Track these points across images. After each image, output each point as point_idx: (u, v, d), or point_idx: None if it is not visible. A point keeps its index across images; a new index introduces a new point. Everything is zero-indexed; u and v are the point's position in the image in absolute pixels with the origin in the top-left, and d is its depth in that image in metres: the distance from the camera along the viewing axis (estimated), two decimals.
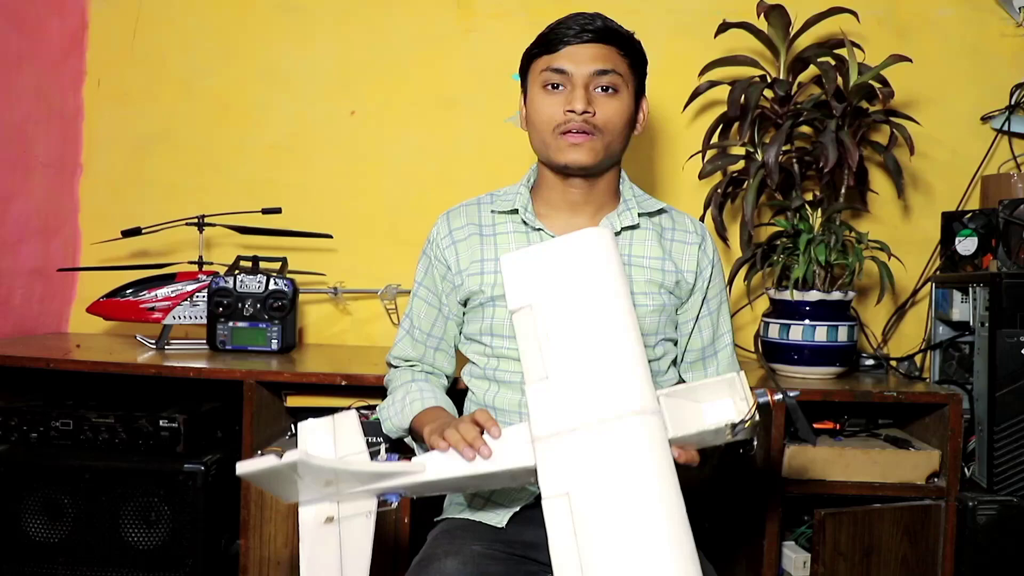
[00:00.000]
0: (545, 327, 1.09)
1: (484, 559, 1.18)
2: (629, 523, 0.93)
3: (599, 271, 1.10)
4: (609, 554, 0.92)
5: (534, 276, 1.13)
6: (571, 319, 1.08)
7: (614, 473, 0.96)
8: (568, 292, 1.10)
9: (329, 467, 1.01)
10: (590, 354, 1.05)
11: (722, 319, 1.40)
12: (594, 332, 1.06)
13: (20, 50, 1.97)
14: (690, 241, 1.37)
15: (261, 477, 0.98)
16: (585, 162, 1.27)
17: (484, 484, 1.12)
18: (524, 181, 1.38)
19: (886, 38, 2.01)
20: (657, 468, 0.96)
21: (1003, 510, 1.54)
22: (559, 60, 1.27)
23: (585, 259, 1.12)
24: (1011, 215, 1.70)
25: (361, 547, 1.04)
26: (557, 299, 1.10)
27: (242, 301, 1.84)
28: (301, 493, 1.04)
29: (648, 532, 0.93)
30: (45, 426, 1.64)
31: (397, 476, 1.06)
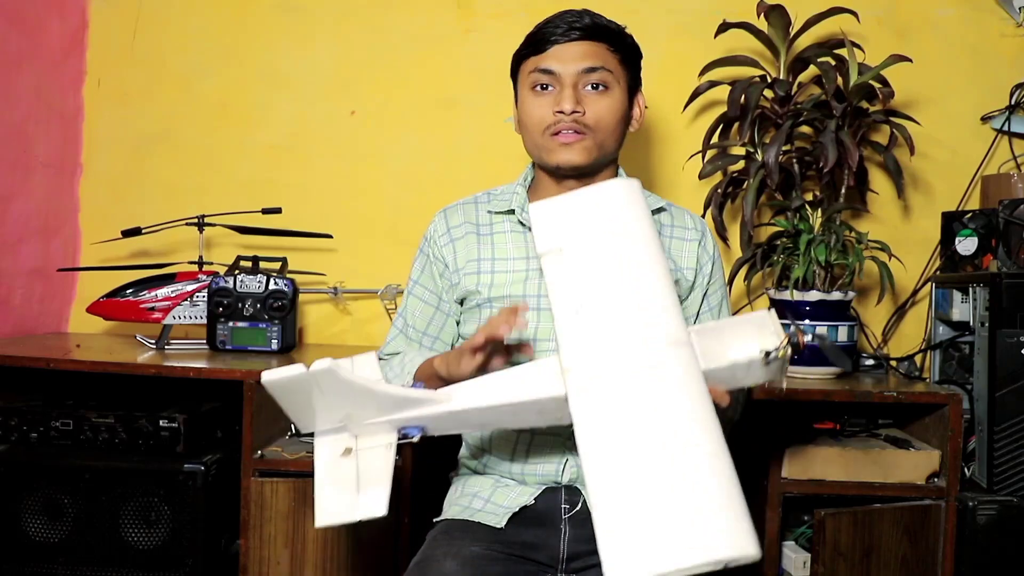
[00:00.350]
0: (575, 266, 1.07)
1: (483, 560, 1.18)
2: (669, 453, 0.89)
3: (627, 216, 1.10)
4: (651, 482, 0.88)
5: (563, 221, 1.12)
6: (601, 258, 1.07)
7: (648, 403, 0.93)
8: (597, 234, 1.09)
9: (356, 383, 0.98)
10: (620, 289, 1.03)
11: (722, 315, 1.38)
12: (623, 270, 1.05)
13: (20, 50, 1.97)
14: (689, 238, 1.36)
15: (284, 388, 0.97)
16: (577, 162, 1.26)
17: (510, 419, 1.08)
18: (521, 180, 1.37)
19: (886, 38, 2.01)
20: (692, 397, 0.94)
21: (1003, 510, 1.54)
22: (546, 60, 1.26)
23: (613, 205, 1.11)
24: (1011, 215, 1.70)
25: (381, 476, 1.01)
26: (586, 241, 1.09)
27: (242, 301, 1.84)
28: (318, 421, 1.02)
29: (689, 461, 0.89)
30: (45, 426, 1.64)
31: (422, 404, 1.03)
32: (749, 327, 1.03)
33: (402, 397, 1.03)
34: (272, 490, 1.58)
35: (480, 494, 1.32)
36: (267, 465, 1.60)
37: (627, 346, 0.98)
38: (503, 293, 1.29)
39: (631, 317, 1.00)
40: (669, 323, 1.00)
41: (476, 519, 1.28)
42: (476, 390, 1.05)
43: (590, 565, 1.25)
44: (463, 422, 1.07)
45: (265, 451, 1.62)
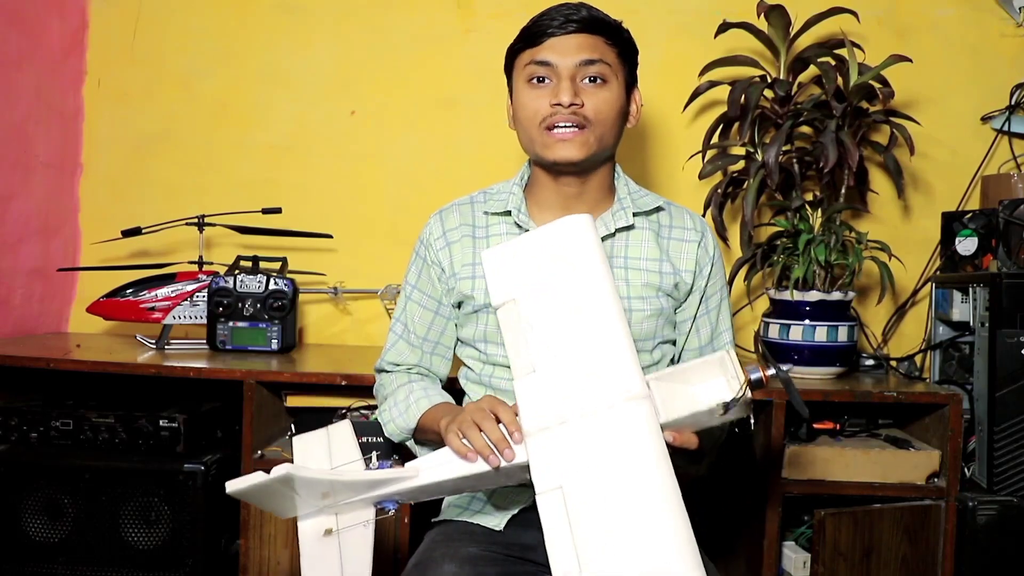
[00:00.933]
0: (529, 319, 1.08)
1: (481, 562, 1.18)
2: (625, 513, 0.93)
3: (581, 259, 1.09)
4: (606, 545, 0.92)
5: (515, 269, 1.12)
6: (555, 309, 1.07)
7: (606, 462, 0.96)
8: (550, 282, 1.09)
9: (319, 478, 1.02)
10: (576, 344, 1.04)
11: (721, 318, 1.36)
12: (579, 321, 1.06)
13: (20, 50, 1.97)
14: (689, 239, 1.33)
15: (253, 493, 0.99)
16: (575, 157, 1.23)
17: (478, 484, 1.11)
18: (517, 179, 1.35)
19: (886, 38, 2.01)
20: (650, 454, 0.96)
21: (1003, 510, 1.54)
22: (543, 52, 1.23)
23: (565, 247, 1.11)
24: (1011, 215, 1.70)
25: (361, 556, 1.05)
26: (540, 290, 1.09)
27: (242, 301, 1.84)
28: (299, 507, 1.05)
29: (644, 521, 0.92)
30: (45, 426, 1.64)
31: (391, 483, 1.06)
32: (710, 370, 1.03)
33: (372, 479, 1.06)
34: None
35: (479, 495, 1.31)
36: (267, 465, 1.58)
37: (584, 406, 1.00)
38: None
39: (587, 374, 1.02)
40: (626, 377, 1.01)
41: (475, 520, 1.28)
42: (441, 464, 1.07)
43: None
44: (434, 491, 1.11)
45: (265, 451, 1.62)
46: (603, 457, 0.96)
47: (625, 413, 0.98)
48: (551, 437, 1.00)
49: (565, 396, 1.01)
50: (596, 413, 0.99)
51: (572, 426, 0.99)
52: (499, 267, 1.14)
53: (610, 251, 1.30)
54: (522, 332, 1.08)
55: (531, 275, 1.11)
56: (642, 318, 1.28)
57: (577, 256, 1.10)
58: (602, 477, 0.95)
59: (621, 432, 0.97)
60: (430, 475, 1.07)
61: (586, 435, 0.98)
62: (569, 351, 1.04)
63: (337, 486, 1.04)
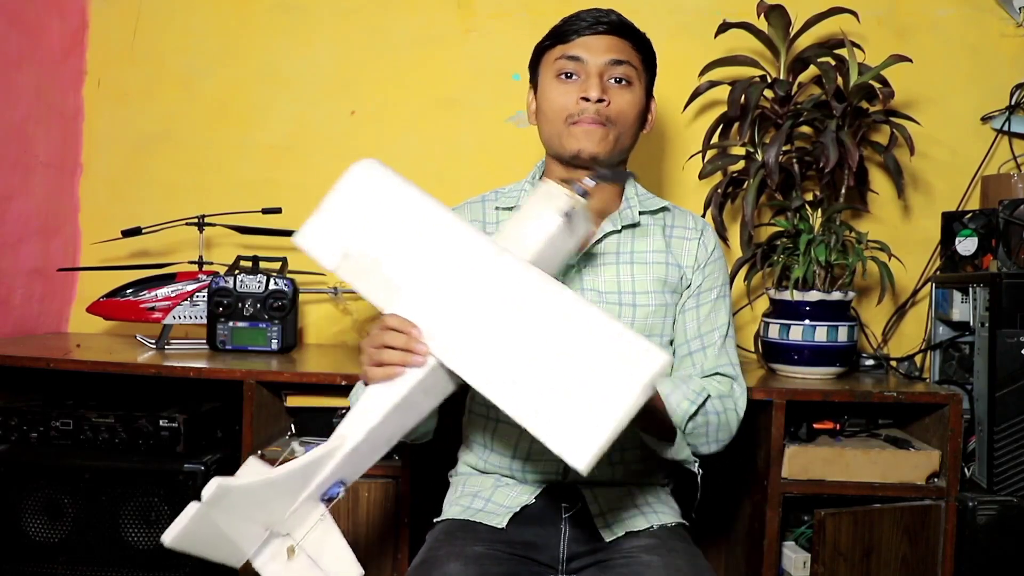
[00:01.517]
0: (369, 256, 1.10)
1: (486, 560, 1.18)
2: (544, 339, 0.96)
3: (378, 189, 1.14)
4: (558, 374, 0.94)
5: (330, 235, 1.15)
6: (381, 233, 1.10)
7: (512, 314, 0.99)
8: (361, 219, 1.12)
9: (251, 484, 0.96)
10: (420, 249, 1.07)
11: (715, 314, 1.35)
12: (410, 232, 1.09)
13: (20, 50, 1.97)
14: (689, 237, 1.36)
15: (192, 534, 0.94)
16: (596, 151, 1.27)
17: (408, 417, 1.08)
18: (529, 178, 1.38)
19: (886, 38, 2.01)
20: (535, 284, 1.00)
21: (1003, 510, 1.54)
22: (574, 49, 1.28)
23: (362, 189, 1.15)
24: (1011, 215, 1.70)
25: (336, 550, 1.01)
26: (358, 231, 1.12)
27: (242, 301, 1.84)
28: (244, 545, 0.99)
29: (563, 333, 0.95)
30: (45, 426, 1.63)
31: (325, 462, 1.01)
32: (539, 203, 1.08)
33: (301, 467, 1.00)
34: None
35: (481, 494, 1.32)
36: None
37: (456, 283, 1.03)
38: None
39: (442, 264, 1.05)
40: (476, 244, 1.05)
41: (477, 519, 1.28)
42: (361, 415, 1.04)
43: (589, 565, 1.25)
44: (373, 449, 1.06)
45: (265, 451, 1.62)
46: (503, 309, 0.99)
47: (496, 269, 1.02)
48: (448, 322, 1.02)
49: (437, 288, 1.04)
50: (473, 284, 1.02)
51: (459, 303, 1.02)
52: (315, 239, 1.17)
53: (616, 246, 1.32)
54: (367, 272, 1.10)
55: (345, 227, 1.14)
56: (647, 313, 1.30)
57: (376, 189, 1.14)
58: (513, 324, 0.98)
59: (504, 282, 1.01)
60: (355, 433, 1.02)
61: (476, 304, 1.01)
62: (418, 258, 1.07)
63: (272, 489, 0.98)
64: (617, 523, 1.27)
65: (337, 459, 1.01)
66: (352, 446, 1.02)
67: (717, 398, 1.29)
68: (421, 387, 1.04)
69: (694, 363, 1.34)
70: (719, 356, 1.35)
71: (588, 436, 0.89)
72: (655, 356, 0.91)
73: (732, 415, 1.32)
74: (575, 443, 0.90)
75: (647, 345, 0.92)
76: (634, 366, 0.91)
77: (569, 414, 0.91)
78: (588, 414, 0.90)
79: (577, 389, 0.92)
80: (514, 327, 0.98)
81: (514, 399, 0.95)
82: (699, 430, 1.27)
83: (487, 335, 0.99)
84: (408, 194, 1.12)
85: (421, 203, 1.11)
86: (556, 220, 1.06)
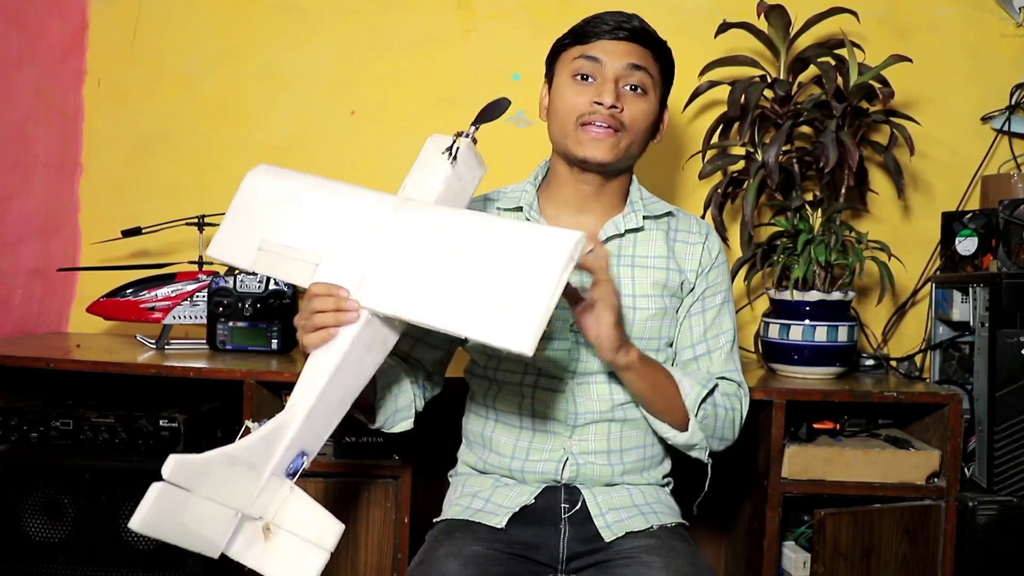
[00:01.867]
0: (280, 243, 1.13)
1: (485, 560, 1.18)
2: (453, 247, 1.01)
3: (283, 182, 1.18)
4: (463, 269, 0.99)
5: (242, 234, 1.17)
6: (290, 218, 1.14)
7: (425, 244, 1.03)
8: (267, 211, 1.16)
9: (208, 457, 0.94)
10: (318, 217, 1.11)
11: (720, 319, 1.36)
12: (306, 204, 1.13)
13: (20, 50, 1.97)
14: (693, 241, 1.36)
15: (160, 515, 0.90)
16: (604, 158, 1.26)
17: (358, 377, 1.08)
18: (531, 179, 1.38)
19: (886, 38, 2.01)
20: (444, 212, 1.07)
21: (1003, 510, 1.54)
22: (593, 50, 1.26)
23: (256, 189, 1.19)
24: (1011, 215, 1.70)
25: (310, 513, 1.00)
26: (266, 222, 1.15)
27: (242, 301, 1.84)
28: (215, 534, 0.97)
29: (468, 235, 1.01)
30: (45, 426, 1.63)
31: (280, 433, 1.01)
32: (428, 152, 1.16)
33: (257, 440, 0.99)
34: None
35: (480, 494, 1.32)
36: None
37: (366, 237, 1.07)
38: None
39: (349, 224, 1.09)
40: (378, 200, 1.09)
41: (476, 519, 1.28)
42: (308, 382, 1.04)
43: (589, 565, 1.25)
44: (326, 414, 1.06)
45: None
46: (420, 247, 1.03)
47: (403, 216, 1.07)
48: (370, 274, 1.05)
49: (352, 249, 1.07)
50: (385, 235, 1.06)
51: (376, 255, 1.05)
52: (226, 246, 1.19)
53: (618, 250, 1.32)
54: (282, 258, 1.12)
55: (256, 223, 1.16)
56: (647, 316, 1.29)
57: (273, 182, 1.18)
58: (432, 254, 1.02)
59: (414, 224, 1.05)
60: (307, 399, 1.03)
61: (392, 251, 1.04)
62: (325, 229, 1.10)
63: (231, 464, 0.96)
64: (617, 523, 1.27)
65: (293, 428, 1.02)
66: (305, 413, 1.02)
67: (723, 395, 1.30)
68: (361, 342, 1.05)
69: (699, 367, 1.34)
70: (727, 361, 1.35)
71: (524, 317, 0.93)
72: (568, 234, 0.96)
73: (736, 415, 1.32)
74: (513, 329, 0.93)
75: (560, 231, 0.97)
76: (552, 245, 0.96)
77: (502, 306, 0.95)
78: (519, 298, 0.94)
79: (504, 283, 0.96)
80: (430, 255, 1.02)
81: (448, 315, 0.98)
82: (708, 420, 1.27)
83: (407, 271, 1.03)
84: (301, 179, 1.17)
85: (315, 183, 1.16)
86: (445, 160, 1.13)
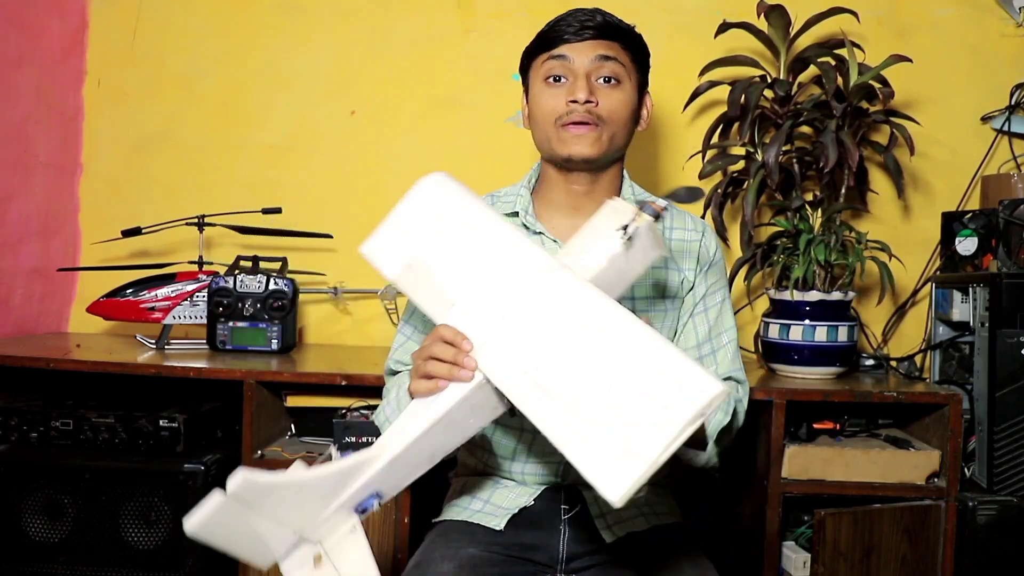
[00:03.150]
0: (428, 268, 1.08)
1: (481, 562, 1.18)
2: (605, 362, 0.90)
3: (448, 202, 1.12)
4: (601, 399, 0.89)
5: (395, 243, 1.14)
6: (448, 249, 1.08)
7: (560, 330, 0.94)
8: (430, 230, 1.11)
9: (280, 481, 0.92)
10: (478, 262, 1.05)
11: (722, 317, 1.35)
12: (471, 245, 1.06)
13: (20, 50, 1.97)
14: (690, 239, 1.34)
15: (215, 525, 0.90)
16: (589, 153, 1.25)
17: (453, 435, 1.04)
18: (524, 182, 1.37)
19: (886, 38, 2.01)
20: (597, 300, 0.95)
21: (1003, 510, 1.54)
22: (560, 51, 1.26)
23: (432, 201, 1.14)
24: (1011, 215, 1.70)
25: (360, 559, 0.98)
26: (428, 242, 1.10)
27: (242, 301, 1.84)
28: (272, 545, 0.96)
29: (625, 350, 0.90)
30: (45, 426, 1.64)
31: (362, 470, 0.97)
32: (604, 220, 1.04)
33: (334, 472, 0.96)
34: None
35: (479, 495, 1.32)
36: (267, 465, 1.60)
37: (513, 299, 0.99)
38: None
39: (500, 278, 1.02)
40: (534, 258, 1.01)
41: (475, 520, 1.28)
42: (403, 425, 1.00)
43: (589, 565, 1.25)
44: (413, 464, 1.02)
45: (265, 451, 1.62)
46: (555, 327, 0.95)
47: (552, 285, 0.98)
48: (498, 338, 0.98)
49: (491, 302, 1.01)
50: (527, 300, 0.98)
51: (512, 319, 0.98)
52: (380, 249, 1.16)
53: None
54: (426, 283, 1.08)
55: (412, 237, 1.12)
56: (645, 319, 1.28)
57: (445, 202, 1.12)
58: (564, 343, 0.93)
59: (559, 299, 0.96)
60: (395, 443, 0.98)
61: (528, 321, 0.97)
62: (475, 271, 1.04)
63: (303, 490, 0.94)
64: (617, 524, 1.27)
65: (373, 469, 0.98)
66: (389, 458, 0.98)
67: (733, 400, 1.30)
68: (467, 404, 1.00)
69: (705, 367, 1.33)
70: (733, 360, 1.35)
71: (626, 468, 0.83)
72: (708, 386, 0.83)
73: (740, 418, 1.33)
74: (612, 474, 0.84)
75: (701, 374, 0.85)
76: (684, 395, 0.84)
77: (610, 443, 0.85)
78: (630, 444, 0.84)
79: (622, 418, 0.86)
80: (565, 347, 0.93)
81: (551, 422, 0.90)
82: (723, 439, 1.27)
83: (536, 354, 0.94)
84: (470, 205, 1.10)
85: (482, 215, 1.08)
86: (617, 239, 1.00)
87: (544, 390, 0.92)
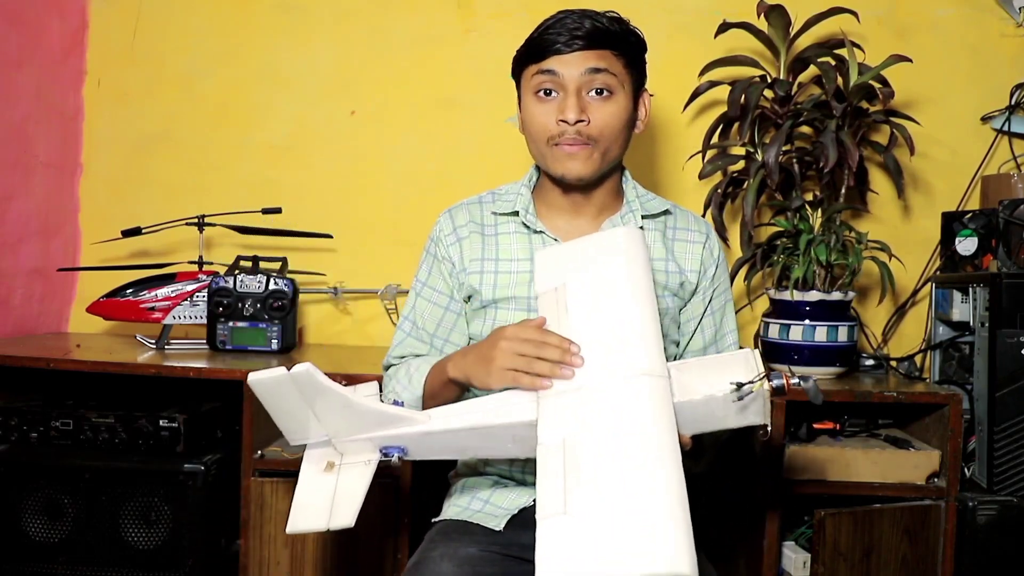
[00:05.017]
0: (565, 300, 1.12)
1: (480, 561, 1.18)
2: (623, 476, 0.91)
3: (623, 260, 1.13)
4: (597, 498, 0.90)
5: (559, 264, 1.18)
6: (590, 293, 1.12)
7: (612, 426, 0.96)
8: (591, 275, 1.14)
9: (334, 388, 1.03)
10: (604, 321, 1.08)
11: (726, 319, 1.37)
12: (611, 303, 1.09)
13: (20, 50, 1.97)
14: (693, 240, 1.35)
15: (269, 390, 1.02)
16: (581, 172, 1.24)
17: (489, 445, 1.08)
18: (525, 180, 1.36)
19: (886, 38, 2.01)
20: (657, 426, 0.95)
21: (1003, 510, 1.54)
22: (549, 64, 1.23)
23: (612, 250, 1.15)
24: (1011, 215, 1.70)
25: (354, 492, 1.05)
26: (580, 280, 1.14)
27: (242, 301, 1.84)
28: (310, 431, 1.07)
29: (641, 482, 0.90)
30: (45, 426, 1.64)
31: (401, 423, 1.06)
32: (731, 363, 1.03)
33: (381, 412, 1.06)
34: (272, 490, 1.58)
35: (479, 495, 1.32)
36: (267, 465, 1.60)
37: (600, 373, 1.02)
38: (508, 295, 1.29)
39: (610, 347, 1.04)
40: (647, 357, 1.02)
41: (475, 520, 1.28)
42: (455, 412, 1.08)
43: None
44: (442, 445, 1.09)
45: (265, 451, 1.62)
46: (610, 420, 0.97)
47: (639, 385, 0.99)
48: (565, 397, 1.02)
49: (586, 367, 1.04)
50: (611, 382, 1.01)
51: (586, 391, 1.01)
52: (546, 262, 1.21)
53: None
54: (557, 311, 1.12)
55: (573, 268, 1.16)
56: None
57: (622, 258, 1.13)
58: (606, 437, 0.95)
59: (632, 400, 0.98)
60: (441, 422, 1.06)
61: (598, 399, 1.00)
62: (596, 326, 1.07)
63: (349, 409, 1.04)
64: None
65: (412, 430, 1.07)
66: (426, 430, 1.06)
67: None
68: (512, 430, 1.04)
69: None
70: None
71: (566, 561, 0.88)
72: (677, 563, 0.83)
73: None
74: (554, 555, 0.88)
75: (681, 548, 0.84)
76: (651, 554, 0.84)
77: (572, 535, 0.89)
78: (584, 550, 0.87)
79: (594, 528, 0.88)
80: (603, 440, 0.95)
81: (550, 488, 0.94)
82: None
83: (582, 428, 0.97)
84: (639, 271, 1.12)
85: (640, 284, 1.10)
86: (726, 388, 0.99)
87: (563, 460, 0.95)
